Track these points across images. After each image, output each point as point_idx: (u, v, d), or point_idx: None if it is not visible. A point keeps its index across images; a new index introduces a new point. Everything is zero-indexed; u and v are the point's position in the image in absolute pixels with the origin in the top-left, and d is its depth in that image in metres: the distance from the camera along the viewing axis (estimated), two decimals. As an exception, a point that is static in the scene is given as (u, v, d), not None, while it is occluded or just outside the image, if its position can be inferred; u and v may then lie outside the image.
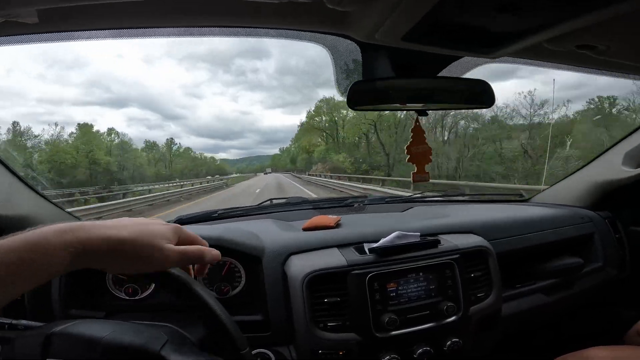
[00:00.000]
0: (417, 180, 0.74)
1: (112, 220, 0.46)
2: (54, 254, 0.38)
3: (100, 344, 0.50)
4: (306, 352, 0.82)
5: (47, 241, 0.38)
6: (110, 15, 0.49)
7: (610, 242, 1.24)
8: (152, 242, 0.44)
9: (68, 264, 0.39)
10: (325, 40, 0.69)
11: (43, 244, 0.37)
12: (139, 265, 0.45)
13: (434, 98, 0.73)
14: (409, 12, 0.51)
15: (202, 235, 0.89)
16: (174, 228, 0.49)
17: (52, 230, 0.39)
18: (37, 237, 0.38)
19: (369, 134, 37.47)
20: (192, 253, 0.48)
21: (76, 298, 0.90)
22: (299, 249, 0.92)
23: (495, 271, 0.94)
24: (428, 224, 1.09)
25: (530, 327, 1.17)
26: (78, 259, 0.40)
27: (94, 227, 0.42)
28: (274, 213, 1.33)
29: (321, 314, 0.81)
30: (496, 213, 1.25)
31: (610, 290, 1.25)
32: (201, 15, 0.55)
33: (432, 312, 0.83)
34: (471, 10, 0.54)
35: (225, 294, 0.92)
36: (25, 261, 0.36)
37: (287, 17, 0.59)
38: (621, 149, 1.22)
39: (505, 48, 0.66)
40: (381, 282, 0.82)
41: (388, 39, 0.60)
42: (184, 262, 0.48)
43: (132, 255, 0.44)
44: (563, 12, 0.52)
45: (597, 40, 0.64)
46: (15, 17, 0.41)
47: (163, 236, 0.46)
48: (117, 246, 0.42)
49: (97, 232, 0.41)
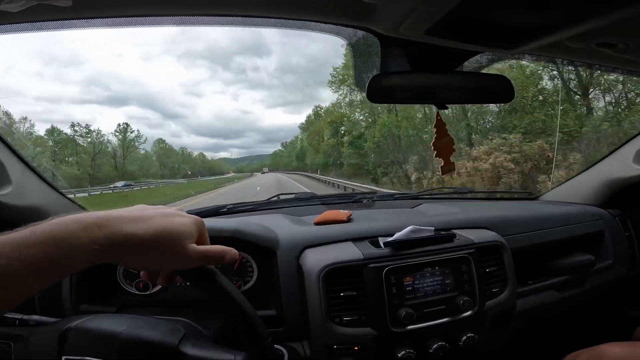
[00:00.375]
0: (445, 172, 0.74)
1: (136, 210, 0.45)
2: (79, 250, 0.37)
3: (118, 339, 0.50)
4: (320, 347, 0.81)
5: (73, 236, 0.36)
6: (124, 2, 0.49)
7: (621, 240, 1.24)
8: (176, 241, 0.44)
9: (92, 260, 0.38)
10: (346, 33, 0.69)
11: (69, 239, 0.36)
12: (160, 263, 0.45)
13: (454, 93, 0.73)
14: (435, 6, 0.51)
15: (219, 227, 0.90)
16: (197, 222, 0.48)
17: (78, 224, 0.37)
18: (62, 232, 0.36)
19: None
20: (213, 253, 0.48)
21: (86, 293, 0.90)
22: (314, 242, 0.92)
23: (510, 266, 0.94)
24: (441, 219, 1.09)
25: (542, 323, 1.17)
26: (103, 255, 0.39)
27: (119, 221, 0.41)
28: (282, 208, 1.33)
29: (337, 308, 0.81)
30: (506, 210, 1.25)
31: (620, 287, 1.25)
32: (217, 3, 0.54)
33: (448, 306, 0.84)
34: (497, 6, 0.54)
35: (238, 289, 0.92)
36: (50, 257, 0.35)
37: (309, 9, 0.59)
38: (633, 146, 1.22)
39: (526, 45, 0.66)
40: (398, 276, 0.82)
41: (411, 33, 0.60)
42: (204, 262, 0.47)
43: (156, 253, 0.43)
44: (587, 10, 0.52)
45: (617, 39, 0.64)
46: (49, 1, 0.40)
47: (187, 234, 0.45)
48: (144, 244, 0.41)
49: (123, 227, 0.40)
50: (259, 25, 0.67)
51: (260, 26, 0.68)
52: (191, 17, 0.60)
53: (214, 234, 0.89)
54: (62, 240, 0.36)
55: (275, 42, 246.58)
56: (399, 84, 0.72)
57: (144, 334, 0.52)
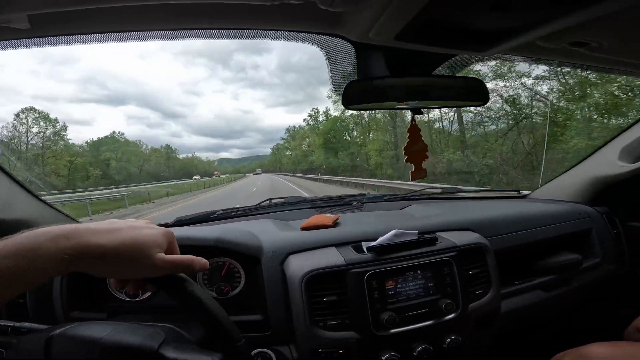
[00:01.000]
0: (415, 178, 0.74)
1: (105, 224, 0.46)
2: (48, 260, 0.39)
3: (99, 344, 0.51)
4: (306, 351, 0.82)
5: (40, 247, 0.39)
6: (103, 18, 0.49)
7: (608, 238, 1.24)
8: (142, 251, 0.46)
9: (62, 269, 0.40)
10: (319, 40, 0.69)
11: (37, 250, 0.38)
12: (129, 271, 0.46)
13: (429, 96, 0.73)
14: (400, 11, 0.51)
15: (202, 236, 0.90)
16: (166, 233, 0.50)
17: (46, 235, 0.40)
18: (31, 243, 0.38)
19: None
20: (181, 262, 0.49)
21: (78, 300, 0.91)
22: (298, 248, 0.93)
23: (493, 268, 0.95)
24: (426, 222, 1.09)
25: (529, 323, 1.17)
26: (71, 265, 0.41)
27: (87, 233, 0.43)
28: (272, 213, 1.33)
29: (321, 312, 0.81)
30: (494, 210, 1.25)
31: (609, 286, 1.25)
32: (195, 17, 0.55)
33: (430, 309, 0.84)
34: (463, 9, 0.55)
35: (225, 294, 0.92)
36: (20, 267, 0.37)
37: (280, 19, 0.59)
38: (617, 144, 1.22)
39: (499, 46, 0.66)
40: (380, 281, 0.82)
41: (381, 39, 0.61)
42: (173, 270, 0.49)
43: (123, 263, 0.45)
44: (556, 10, 0.53)
45: (590, 38, 0.64)
46: (7, 23, 0.41)
47: (155, 244, 0.47)
48: (110, 253, 0.43)
49: (91, 238, 0.42)
50: (234, 37, 0.68)
51: (236, 38, 0.68)
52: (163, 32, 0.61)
53: (198, 242, 0.90)
54: (31, 252, 0.38)
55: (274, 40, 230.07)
56: (374, 89, 0.73)
57: (125, 339, 0.53)
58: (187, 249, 0.88)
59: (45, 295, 0.88)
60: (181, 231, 0.95)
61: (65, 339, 0.52)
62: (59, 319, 0.88)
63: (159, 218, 6.14)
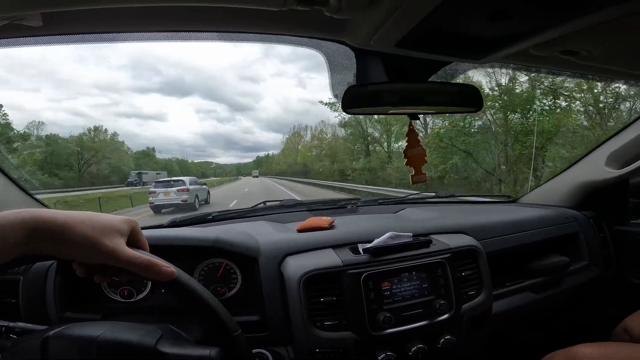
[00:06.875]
0: (415, 182, 0.76)
1: (69, 211, 0.47)
2: (10, 229, 0.40)
3: (95, 343, 0.50)
4: (304, 351, 0.83)
5: (4, 217, 0.40)
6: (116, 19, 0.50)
7: (595, 241, 1.28)
8: (101, 231, 0.46)
9: (23, 242, 0.41)
10: (321, 45, 0.71)
11: (3, 224, 0.40)
12: (87, 254, 0.46)
13: (425, 102, 0.75)
14: (403, 20, 0.54)
15: (199, 236, 0.91)
16: (127, 220, 0.50)
17: (11, 210, 0.42)
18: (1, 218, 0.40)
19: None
20: (140, 262, 0.47)
21: (71, 301, 0.90)
22: (295, 249, 0.94)
23: (485, 270, 0.97)
24: (420, 225, 1.11)
25: (520, 324, 1.20)
26: (31, 238, 0.42)
27: (48, 211, 0.44)
28: (267, 215, 1.34)
29: (318, 313, 0.82)
30: (486, 214, 1.28)
31: (597, 288, 1.29)
32: (202, 20, 0.56)
33: (425, 310, 0.86)
34: (463, 19, 0.57)
35: (222, 295, 0.93)
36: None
37: (286, 24, 0.61)
38: (605, 150, 1.26)
39: (494, 54, 0.69)
40: (376, 282, 0.84)
41: (382, 45, 0.63)
42: (131, 268, 0.48)
43: (81, 241, 0.45)
44: (548, 20, 0.56)
45: (580, 47, 0.67)
46: (20, 20, 0.41)
47: (113, 228, 0.47)
48: (67, 228, 0.44)
49: (49, 213, 0.44)
50: (240, 40, 0.69)
51: (241, 41, 0.70)
52: (175, 34, 0.62)
53: (196, 243, 0.90)
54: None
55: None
56: (372, 94, 0.74)
57: (121, 336, 0.53)
58: (184, 249, 0.89)
59: (37, 295, 0.87)
60: (178, 232, 0.95)
61: (62, 339, 0.52)
62: (52, 319, 0.87)
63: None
